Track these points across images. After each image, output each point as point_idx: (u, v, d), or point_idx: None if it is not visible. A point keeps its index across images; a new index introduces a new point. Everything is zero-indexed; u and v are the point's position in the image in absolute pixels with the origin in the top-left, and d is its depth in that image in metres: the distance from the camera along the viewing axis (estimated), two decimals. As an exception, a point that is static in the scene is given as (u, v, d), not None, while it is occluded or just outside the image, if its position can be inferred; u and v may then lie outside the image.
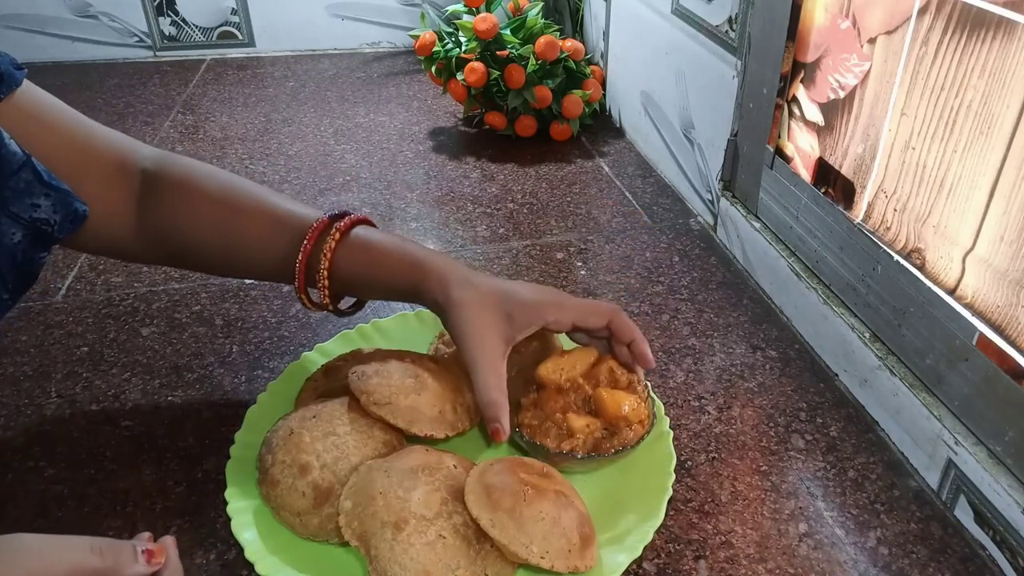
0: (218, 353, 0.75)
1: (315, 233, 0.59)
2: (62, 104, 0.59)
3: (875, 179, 0.69)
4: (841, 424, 0.68)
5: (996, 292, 0.56)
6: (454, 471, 0.54)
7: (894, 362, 0.66)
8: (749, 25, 0.83)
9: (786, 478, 0.62)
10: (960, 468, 0.58)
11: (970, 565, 0.56)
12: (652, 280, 0.87)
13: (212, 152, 1.16)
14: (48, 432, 0.65)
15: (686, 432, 0.67)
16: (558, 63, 1.17)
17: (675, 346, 0.77)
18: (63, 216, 0.56)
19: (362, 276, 0.60)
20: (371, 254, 0.60)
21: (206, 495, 0.59)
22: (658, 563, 0.55)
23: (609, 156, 1.17)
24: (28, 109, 0.56)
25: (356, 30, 1.60)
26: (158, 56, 1.54)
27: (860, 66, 0.68)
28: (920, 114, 0.62)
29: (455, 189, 1.07)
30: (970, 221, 0.58)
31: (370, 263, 0.60)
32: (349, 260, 0.59)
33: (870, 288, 0.69)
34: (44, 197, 0.55)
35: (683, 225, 0.99)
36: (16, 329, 0.78)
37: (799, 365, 0.75)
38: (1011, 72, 0.52)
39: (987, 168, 0.55)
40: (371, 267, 0.60)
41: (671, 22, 1.02)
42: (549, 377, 0.62)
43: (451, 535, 0.50)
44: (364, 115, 1.30)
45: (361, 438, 0.56)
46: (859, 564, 0.56)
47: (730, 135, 0.90)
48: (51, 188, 0.55)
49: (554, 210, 1.02)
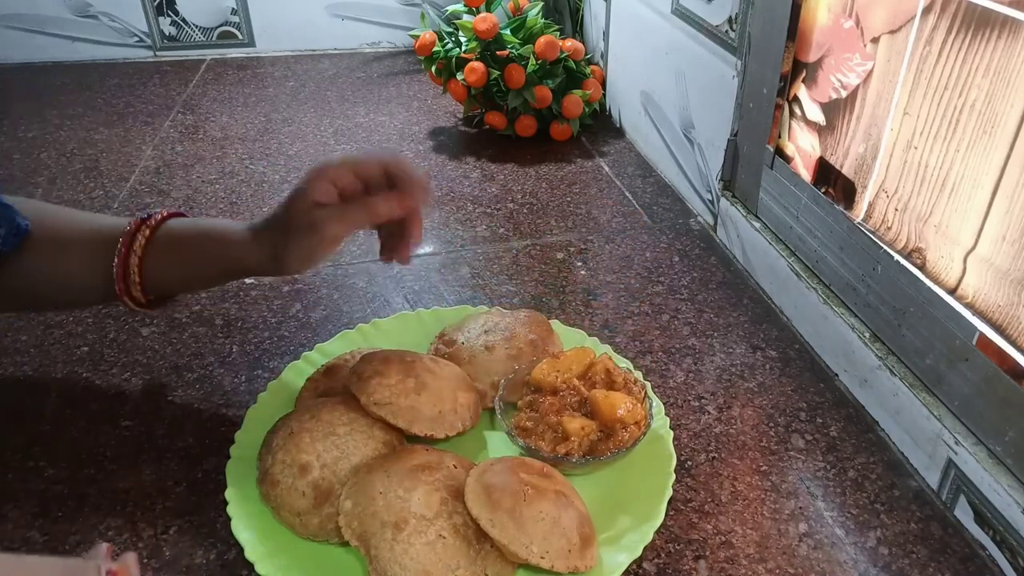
0: (218, 353, 0.75)
1: (127, 238, 0.60)
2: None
3: (876, 179, 0.68)
4: (841, 424, 0.68)
5: (997, 292, 0.56)
6: (454, 471, 0.54)
7: (894, 362, 0.66)
8: (749, 25, 0.83)
9: (786, 478, 0.62)
10: (960, 468, 0.58)
11: (970, 565, 0.56)
12: (652, 280, 0.87)
13: (212, 152, 1.16)
14: (48, 432, 0.65)
15: (686, 432, 0.66)
16: (558, 63, 1.17)
17: (675, 346, 0.77)
18: (7, 230, 0.58)
19: (176, 264, 0.61)
20: (181, 242, 0.61)
21: (206, 495, 0.59)
22: (658, 563, 0.55)
23: (609, 156, 1.17)
24: None
25: (356, 30, 1.60)
26: (158, 56, 1.54)
27: (863, 65, 0.68)
28: (923, 113, 0.62)
29: (455, 189, 1.07)
30: (972, 221, 0.58)
31: (181, 250, 0.61)
32: (162, 256, 0.61)
33: (870, 288, 0.69)
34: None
35: (683, 225, 0.99)
36: (16, 329, 0.78)
37: (799, 365, 0.75)
38: (1015, 71, 0.52)
39: (990, 167, 0.55)
40: (183, 253, 0.61)
41: (671, 22, 1.01)
42: (544, 379, 0.62)
43: (451, 535, 0.50)
44: (364, 115, 1.30)
45: (361, 438, 0.56)
46: (859, 564, 0.56)
47: (730, 135, 0.90)
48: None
49: (554, 210, 1.02)
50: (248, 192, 1.05)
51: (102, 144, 1.17)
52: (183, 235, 0.62)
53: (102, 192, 1.04)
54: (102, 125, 1.24)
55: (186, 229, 0.62)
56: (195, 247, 0.62)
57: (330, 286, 0.85)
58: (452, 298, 0.83)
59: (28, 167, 1.10)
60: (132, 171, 1.09)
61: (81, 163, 1.11)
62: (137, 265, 0.60)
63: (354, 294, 0.84)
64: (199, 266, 0.62)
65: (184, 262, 0.62)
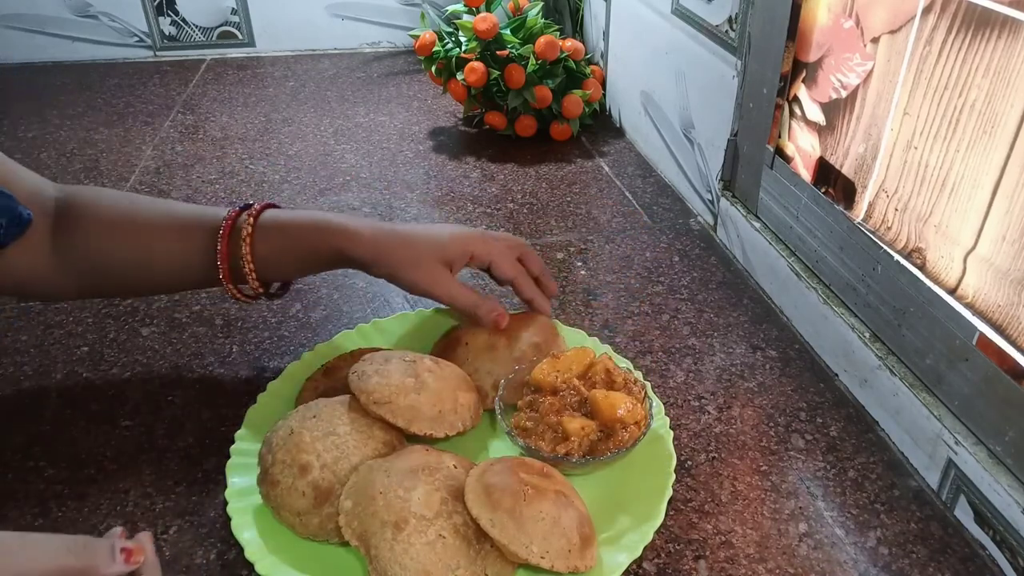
0: (218, 353, 0.75)
1: (227, 228, 0.61)
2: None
3: (876, 179, 0.68)
4: (841, 424, 0.68)
5: (997, 292, 0.56)
6: (454, 471, 0.54)
7: (894, 362, 0.66)
8: (749, 25, 0.83)
9: (786, 478, 0.62)
10: (960, 468, 0.58)
11: (970, 565, 0.56)
12: (652, 280, 0.87)
13: (212, 152, 1.16)
14: (48, 432, 0.65)
15: (686, 432, 0.66)
16: (558, 63, 1.17)
17: (675, 346, 0.77)
18: (8, 220, 0.57)
19: (285, 255, 0.63)
20: (287, 232, 0.62)
21: (206, 495, 0.59)
22: (658, 563, 0.55)
23: (609, 156, 1.17)
24: None
25: (356, 30, 1.60)
26: (158, 56, 1.54)
27: (863, 65, 0.68)
28: (923, 113, 0.62)
29: (455, 189, 1.07)
30: (972, 220, 0.58)
31: (289, 241, 0.62)
32: (268, 244, 0.62)
33: (870, 288, 0.69)
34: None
35: (683, 225, 0.99)
36: (16, 329, 0.78)
37: (799, 365, 0.75)
38: (1015, 71, 0.52)
39: (990, 167, 0.55)
40: (291, 245, 0.62)
41: (671, 22, 1.01)
42: (544, 379, 0.62)
43: (451, 535, 0.50)
44: (364, 115, 1.30)
45: (361, 438, 0.56)
46: (859, 564, 0.56)
47: (730, 135, 0.90)
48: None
49: (554, 210, 1.02)
50: (248, 192, 1.05)
51: (102, 144, 1.18)
52: (287, 223, 0.63)
53: (102, 192, 1.04)
54: (102, 125, 1.24)
55: (287, 217, 0.64)
56: (300, 234, 0.63)
57: (330, 286, 0.85)
58: (452, 298, 0.83)
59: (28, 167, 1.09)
60: (132, 171, 1.09)
61: (81, 163, 1.11)
62: (249, 253, 0.61)
63: (354, 294, 0.84)
64: (306, 253, 0.63)
65: (292, 248, 0.63)
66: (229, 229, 0.62)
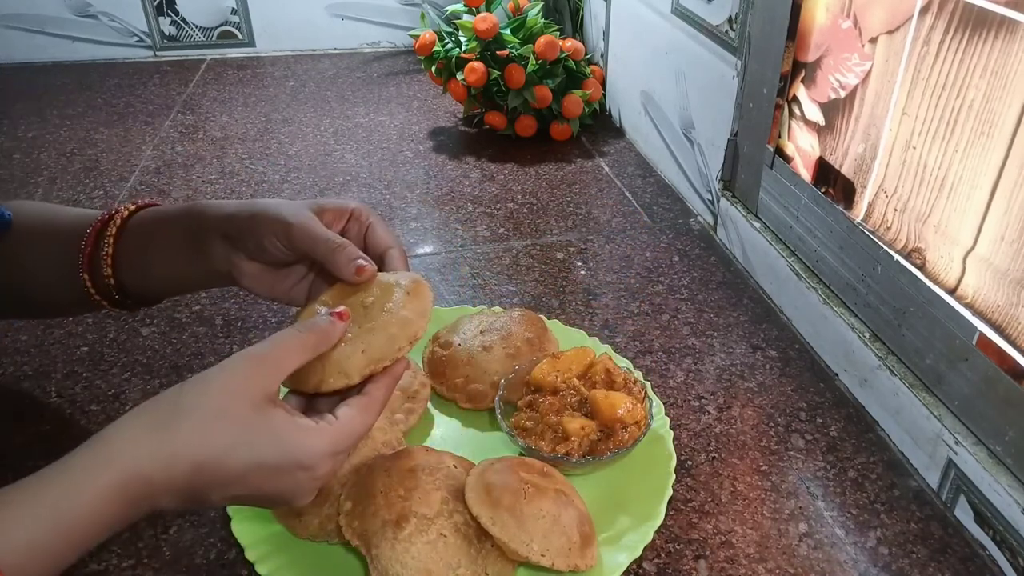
0: (218, 353, 0.75)
1: (97, 226, 0.56)
2: None
3: (875, 179, 0.69)
4: (841, 424, 0.68)
5: (996, 292, 0.56)
6: (454, 470, 0.54)
7: (894, 362, 0.66)
8: (749, 25, 0.83)
9: (786, 478, 0.62)
10: (960, 468, 0.58)
11: (970, 565, 0.56)
12: (652, 280, 0.87)
13: (212, 152, 1.16)
14: (48, 432, 0.65)
15: (686, 432, 0.66)
16: (558, 63, 1.17)
17: (675, 346, 0.77)
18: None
19: (149, 250, 0.56)
20: (156, 222, 0.57)
21: (206, 495, 0.59)
22: (658, 563, 0.55)
23: (609, 156, 1.17)
24: None
25: (356, 30, 1.60)
26: (158, 56, 1.54)
27: (861, 65, 0.68)
28: (921, 113, 0.62)
29: (455, 189, 1.07)
30: (971, 220, 0.58)
31: (154, 232, 0.56)
32: (134, 240, 0.56)
33: (870, 288, 0.69)
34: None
35: (683, 225, 0.99)
36: (16, 329, 0.78)
37: (799, 365, 0.75)
38: (1012, 72, 0.52)
39: (988, 167, 0.55)
40: (155, 236, 0.56)
41: (671, 22, 1.01)
42: (544, 379, 0.62)
43: (452, 534, 0.50)
44: (364, 115, 1.30)
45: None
46: (859, 564, 0.56)
47: (730, 135, 0.90)
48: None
49: (554, 210, 1.02)
50: (248, 192, 1.05)
51: (102, 144, 1.18)
52: (159, 213, 0.57)
53: (102, 192, 1.04)
54: (102, 125, 1.24)
55: (162, 209, 0.58)
56: (165, 222, 0.56)
57: (330, 286, 0.85)
58: (452, 298, 0.83)
59: (28, 167, 1.10)
60: (132, 171, 1.09)
61: (81, 163, 1.11)
62: (109, 256, 0.55)
63: (354, 294, 0.84)
64: (166, 242, 0.56)
65: (155, 241, 0.56)
66: (99, 227, 0.56)
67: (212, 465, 0.41)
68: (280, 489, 0.43)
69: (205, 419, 0.41)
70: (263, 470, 0.42)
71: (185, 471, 0.40)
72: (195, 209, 0.55)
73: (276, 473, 0.42)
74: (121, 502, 0.39)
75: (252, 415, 0.42)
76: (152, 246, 0.56)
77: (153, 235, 0.56)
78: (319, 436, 0.44)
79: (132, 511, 0.40)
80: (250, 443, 0.42)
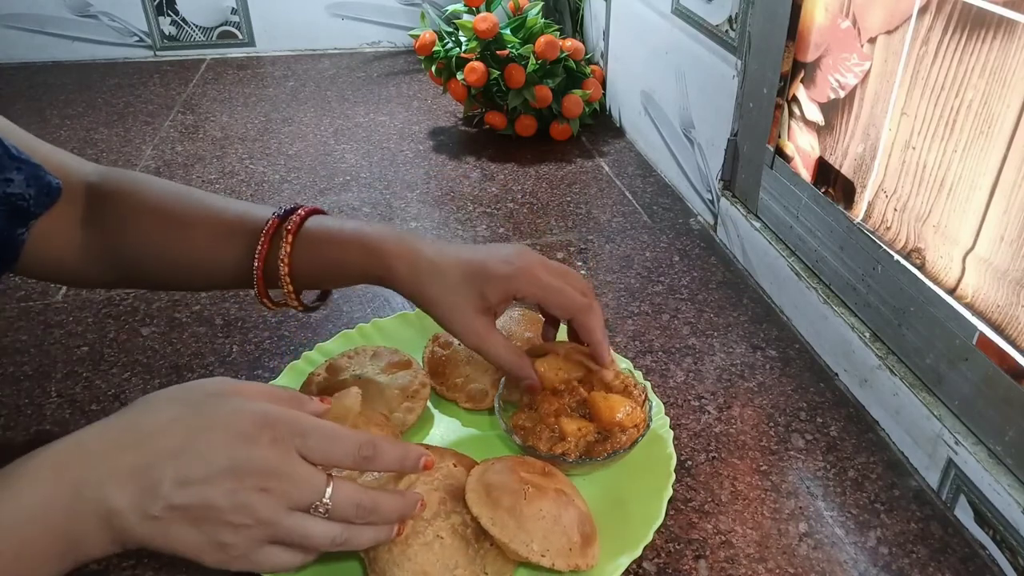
0: (218, 353, 0.75)
1: (268, 235, 0.58)
2: (3, 121, 0.57)
3: (875, 179, 0.69)
4: (841, 424, 0.68)
5: (996, 292, 0.56)
6: (453, 470, 0.54)
7: (894, 362, 0.66)
8: (749, 25, 0.83)
9: (786, 478, 0.62)
10: (960, 468, 0.58)
11: (970, 565, 0.56)
12: (652, 280, 0.87)
13: (212, 152, 1.16)
14: (48, 432, 0.65)
15: (686, 432, 0.66)
16: (558, 63, 1.17)
17: (675, 346, 0.77)
18: (37, 190, 0.54)
19: (323, 269, 0.58)
20: (328, 246, 0.58)
21: (206, 495, 0.59)
22: (658, 563, 0.55)
23: (609, 156, 1.17)
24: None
25: (356, 30, 1.60)
26: (158, 56, 1.54)
27: (860, 66, 0.68)
28: (920, 114, 0.62)
29: (455, 189, 1.07)
30: (970, 220, 0.58)
31: (328, 256, 0.58)
32: (307, 257, 0.58)
33: (870, 288, 0.69)
34: (16, 172, 0.52)
35: (683, 225, 0.99)
36: (16, 329, 0.78)
37: (799, 365, 0.75)
38: (1011, 71, 0.52)
39: (987, 167, 0.55)
40: (330, 259, 0.58)
41: (671, 22, 1.01)
42: (544, 379, 0.62)
43: (449, 535, 0.50)
44: (364, 115, 1.30)
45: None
46: (859, 564, 0.56)
47: (730, 135, 0.90)
48: (21, 162, 0.53)
49: (554, 210, 1.02)
50: (248, 192, 1.05)
51: (102, 144, 1.18)
52: (329, 235, 0.59)
53: (102, 192, 1.04)
54: (102, 125, 1.24)
55: (331, 228, 0.59)
56: (341, 250, 0.58)
57: (330, 286, 0.85)
58: (452, 298, 0.83)
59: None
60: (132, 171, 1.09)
61: (81, 163, 1.11)
62: (287, 272, 0.57)
63: (354, 294, 0.84)
64: (344, 269, 0.59)
65: (329, 262, 0.58)
66: (272, 232, 0.58)
67: (142, 421, 0.44)
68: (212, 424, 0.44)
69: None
70: (187, 407, 0.45)
71: (117, 428, 0.44)
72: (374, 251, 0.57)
73: (197, 408, 0.45)
74: (56, 480, 0.41)
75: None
76: (324, 261, 0.58)
77: (325, 253, 0.58)
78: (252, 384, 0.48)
79: (70, 492, 0.41)
80: (175, 397, 0.46)
